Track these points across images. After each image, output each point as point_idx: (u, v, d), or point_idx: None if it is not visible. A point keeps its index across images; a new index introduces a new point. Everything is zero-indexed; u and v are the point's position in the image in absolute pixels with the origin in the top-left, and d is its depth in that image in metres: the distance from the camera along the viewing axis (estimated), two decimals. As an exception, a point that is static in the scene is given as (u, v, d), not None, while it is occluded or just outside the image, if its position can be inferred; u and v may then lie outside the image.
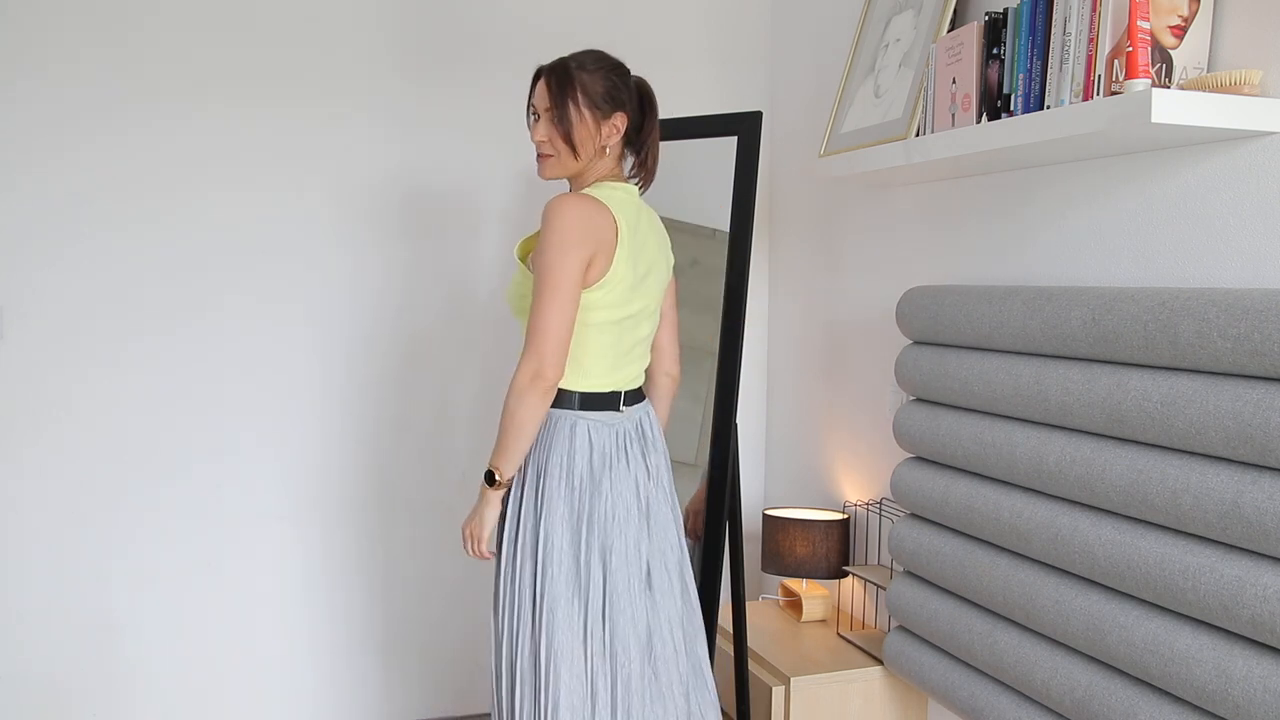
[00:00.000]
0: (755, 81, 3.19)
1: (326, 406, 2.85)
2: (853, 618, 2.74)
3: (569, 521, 1.88)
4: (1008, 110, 1.98)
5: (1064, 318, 1.84)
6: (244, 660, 2.82)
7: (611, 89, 1.95)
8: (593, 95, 1.93)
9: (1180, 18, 1.72)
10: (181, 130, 2.68)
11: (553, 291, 1.81)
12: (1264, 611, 1.46)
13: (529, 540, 1.89)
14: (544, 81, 1.95)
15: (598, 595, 1.87)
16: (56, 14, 2.56)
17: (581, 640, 1.86)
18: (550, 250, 1.82)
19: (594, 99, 1.93)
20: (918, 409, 2.26)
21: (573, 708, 1.83)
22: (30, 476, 2.62)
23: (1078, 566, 1.79)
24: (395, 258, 2.88)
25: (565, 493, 1.88)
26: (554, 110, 1.92)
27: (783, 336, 3.17)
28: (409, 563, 2.96)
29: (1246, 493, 1.50)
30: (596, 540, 1.88)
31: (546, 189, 2.95)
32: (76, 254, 2.62)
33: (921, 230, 2.51)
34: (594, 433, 1.91)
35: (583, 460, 1.89)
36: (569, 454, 1.89)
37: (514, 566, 1.90)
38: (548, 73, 1.95)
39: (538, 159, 1.98)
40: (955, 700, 2.11)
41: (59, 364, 2.63)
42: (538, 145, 1.97)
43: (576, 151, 1.94)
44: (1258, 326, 1.49)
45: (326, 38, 2.78)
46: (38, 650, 2.65)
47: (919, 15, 2.38)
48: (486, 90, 2.92)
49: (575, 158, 1.95)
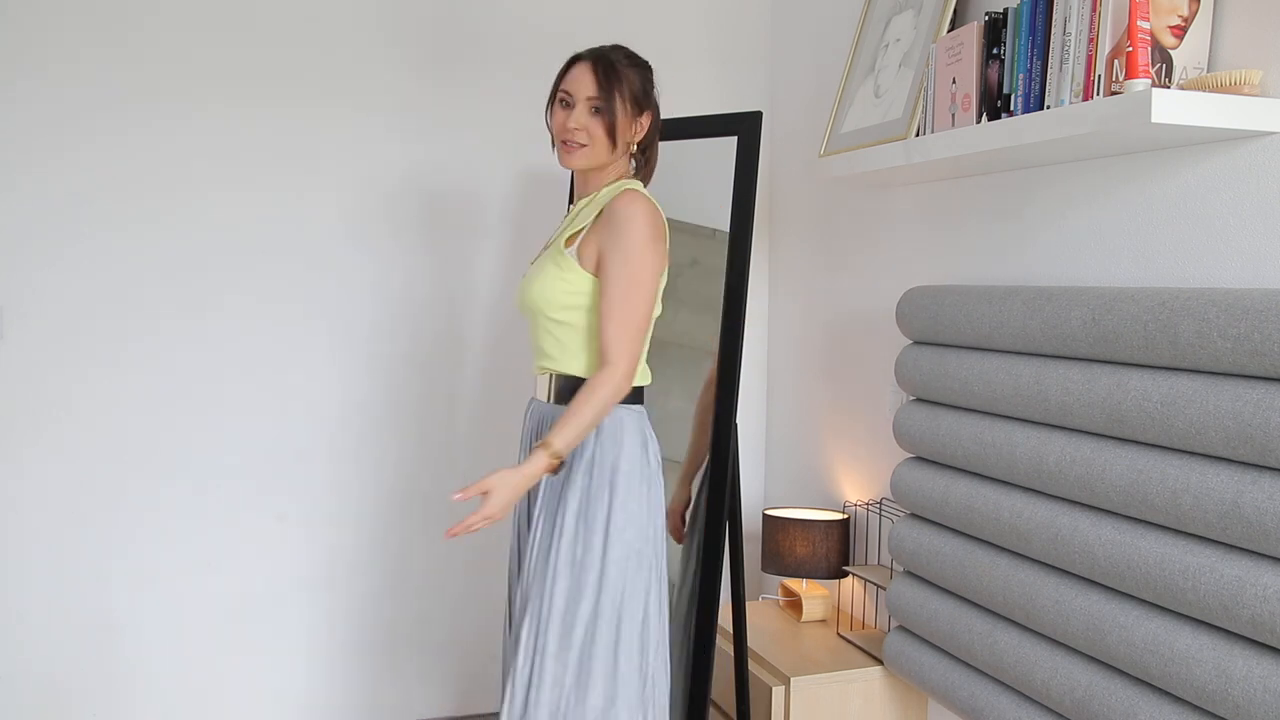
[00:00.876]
0: (755, 81, 3.19)
1: (327, 406, 2.85)
2: (853, 618, 2.74)
3: (648, 510, 1.94)
4: (1008, 110, 1.98)
5: (1064, 318, 1.83)
6: (244, 660, 2.82)
7: (646, 88, 1.95)
8: (634, 92, 1.92)
9: (1180, 18, 1.72)
10: (182, 130, 2.68)
11: (644, 290, 1.86)
12: (1264, 611, 1.46)
13: (626, 530, 1.90)
14: (589, 69, 1.91)
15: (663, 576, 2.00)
16: (56, 14, 2.56)
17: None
18: (640, 250, 1.86)
19: (635, 95, 1.93)
20: (918, 409, 2.26)
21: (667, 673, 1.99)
22: (30, 476, 2.62)
23: (1078, 566, 1.79)
24: (396, 257, 2.88)
25: (642, 484, 1.94)
26: (601, 100, 1.89)
27: (783, 336, 3.17)
28: (409, 563, 2.96)
29: (1246, 493, 1.50)
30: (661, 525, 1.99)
31: (546, 187, 2.95)
32: (76, 254, 2.62)
33: (921, 230, 2.51)
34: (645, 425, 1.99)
35: (653, 450, 1.98)
36: (643, 446, 1.95)
37: (602, 556, 1.88)
38: (594, 61, 1.91)
39: (562, 146, 1.94)
40: (955, 700, 2.11)
41: (59, 364, 2.63)
42: (570, 134, 1.92)
43: (616, 145, 1.92)
44: (1258, 326, 1.49)
45: (327, 38, 2.77)
46: (38, 650, 2.65)
47: (919, 15, 2.38)
48: (487, 90, 2.92)
49: (612, 150, 1.93)
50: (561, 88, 1.95)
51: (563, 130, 1.93)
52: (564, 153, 1.95)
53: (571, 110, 1.92)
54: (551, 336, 1.96)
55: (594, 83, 1.90)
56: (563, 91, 1.94)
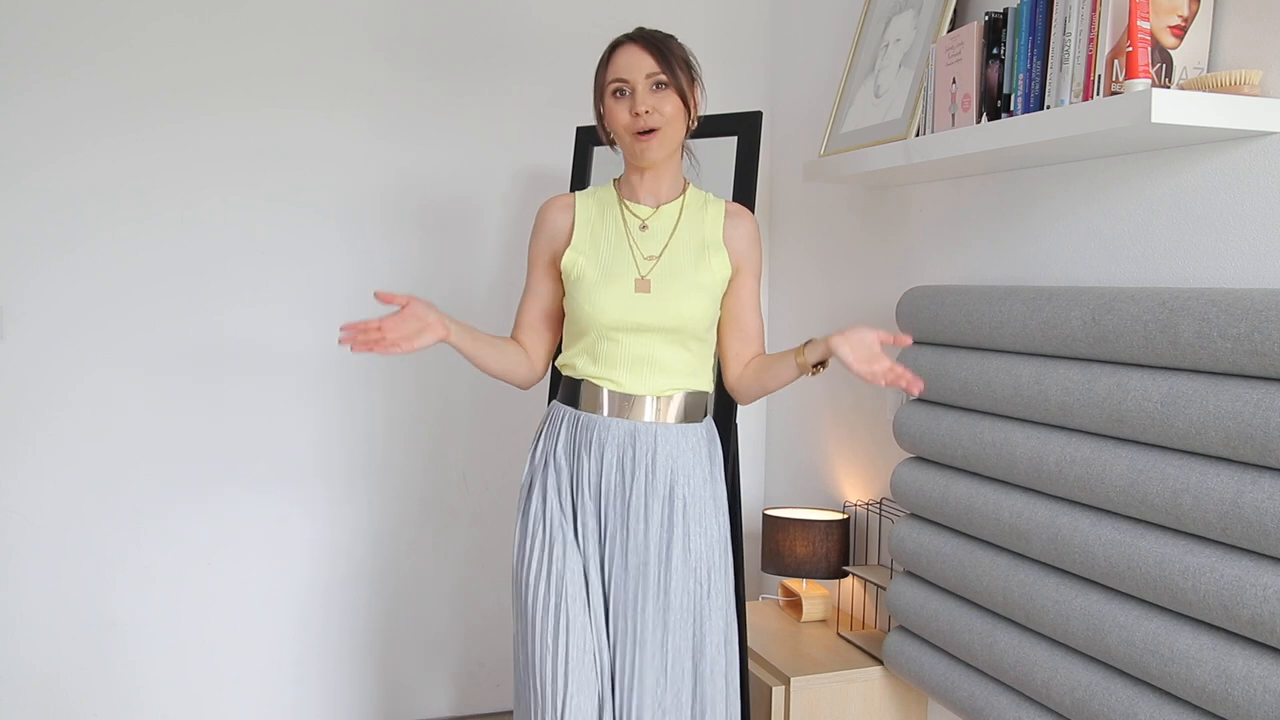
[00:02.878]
0: (755, 81, 3.19)
1: (327, 407, 2.85)
2: (853, 618, 2.74)
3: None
4: (1008, 110, 1.98)
5: (1064, 318, 1.83)
6: (244, 660, 2.82)
7: (689, 57, 1.88)
8: (686, 59, 1.86)
9: (1180, 18, 1.72)
10: (182, 131, 2.68)
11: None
12: (1264, 611, 1.46)
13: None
14: (639, 48, 1.80)
15: None
16: (56, 15, 2.56)
17: None
18: (761, 267, 2.00)
19: (688, 62, 1.86)
20: (918, 409, 2.26)
21: None
22: (30, 476, 2.62)
23: (1078, 566, 1.79)
24: (396, 257, 2.88)
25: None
26: (664, 73, 1.79)
27: (783, 336, 3.17)
28: (410, 562, 2.96)
29: (1246, 493, 1.50)
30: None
31: (546, 191, 2.94)
32: (76, 254, 2.62)
33: (921, 230, 2.51)
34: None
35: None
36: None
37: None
38: (640, 40, 1.82)
39: (636, 138, 1.81)
40: (955, 700, 2.11)
41: (59, 364, 2.63)
42: (643, 119, 1.79)
43: (691, 112, 1.85)
44: (1258, 326, 1.49)
45: (326, 38, 2.77)
46: (38, 650, 2.65)
47: (919, 15, 2.38)
48: (486, 91, 2.92)
49: (688, 122, 1.86)
50: (613, 78, 1.82)
51: (632, 119, 1.81)
52: (640, 145, 1.82)
53: (631, 96, 1.80)
54: (688, 354, 1.89)
55: (651, 57, 1.79)
56: (616, 81, 1.81)
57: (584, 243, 1.90)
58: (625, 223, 1.91)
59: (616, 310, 1.84)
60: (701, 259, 1.88)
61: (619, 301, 1.84)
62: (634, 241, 1.89)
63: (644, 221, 1.90)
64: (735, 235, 1.92)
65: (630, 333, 1.85)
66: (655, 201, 1.91)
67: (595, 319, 1.85)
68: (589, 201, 1.95)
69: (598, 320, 1.85)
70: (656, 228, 1.90)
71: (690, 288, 1.86)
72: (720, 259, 1.90)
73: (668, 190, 1.92)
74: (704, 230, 1.91)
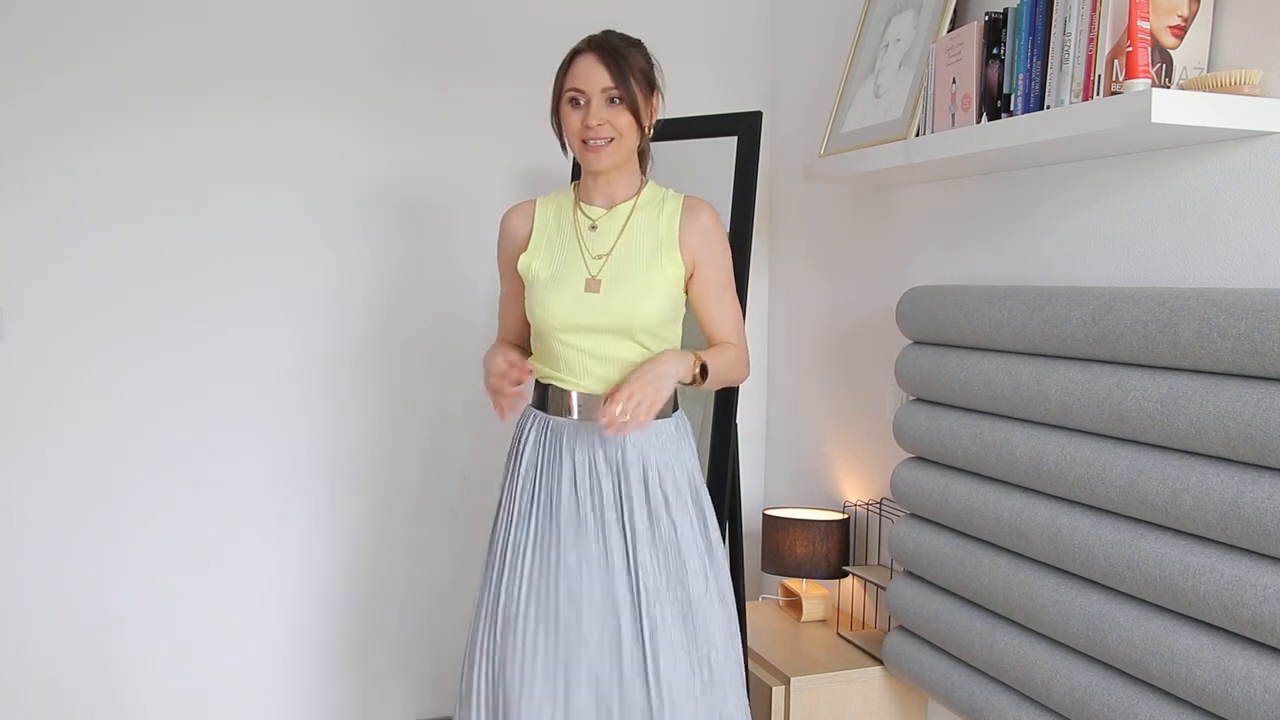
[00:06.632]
0: (755, 81, 3.19)
1: (327, 407, 2.85)
2: (853, 618, 2.74)
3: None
4: (1008, 110, 1.98)
5: (1064, 318, 1.83)
6: (244, 660, 2.82)
7: (649, 68, 1.89)
8: (644, 71, 1.86)
9: (1180, 18, 1.72)
10: (182, 131, 2.68)
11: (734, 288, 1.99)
12: (1264, 611, 1.46)
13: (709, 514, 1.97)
14: (597, 60, 1.81)
15: None
16: (56, 15, 2.56)
17: None
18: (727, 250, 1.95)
19: (645, 75, 1.86)
20: (918, 409, 2.26)
21: None
22: (30, 476, 2.62)
23: (1078, 566, 1.79)
24: (395, 258, 2.88)
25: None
26: (618, 89, 1.81)
27: (783, 336, 3.17)
28: (410, 562, 2.96)
29: (1246, 493, 1.50)
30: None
31: (545, 191, 2.93)
32: (76, 254, 2.62)
33: (921, 230, 2.51)
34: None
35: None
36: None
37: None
38: (599, 50, 1.82)
39: (583, 147, 1.84)
40: (955, 700, 2.11)
41: (59, 364, 2.63)
42: (594, 130, 1.81)
43: (643, 127, 1.86)
44: (1258, 326, 1.49)
45: (324, 39, 2.77)
46: (38, 650, 2.65)
47: (919, 15, 2.38)
48: (481, 92, 2.92)
49: (640, 134, 1.87)
50: (569, 86, 1.84)
51: (583, 130, 1.83)
52: (589, 154, 1.84)
53: (586, 107, 1.82)
54: (647, 352, 1.88)
55: (607, 72, 1.81)
56: (572, 90, 1.84)
57: (539, 247, 1.93)
58: (577, 224, 1.93)
59: (564, 313, 1.86)
60: (654, 258, 1.88)
61: (568, 303, 1.86)
62: (584, 242, 1.91)
63: (594, 222, 1.92)
64: (691, 229, 1.90)
65: (582, 333, 1.87)
66: (609, 202, 1.93)
67: (546, 321, 1.88)
68: (548, 207, 1.98)
69: (548, 323, 1.87)
70: (606, 228, 1.91)
71: (640, 287, 1.86)
72: (671, 257, 1.89)
73: (622, 191, 1.93)
74: (659, 228, 1.91)
